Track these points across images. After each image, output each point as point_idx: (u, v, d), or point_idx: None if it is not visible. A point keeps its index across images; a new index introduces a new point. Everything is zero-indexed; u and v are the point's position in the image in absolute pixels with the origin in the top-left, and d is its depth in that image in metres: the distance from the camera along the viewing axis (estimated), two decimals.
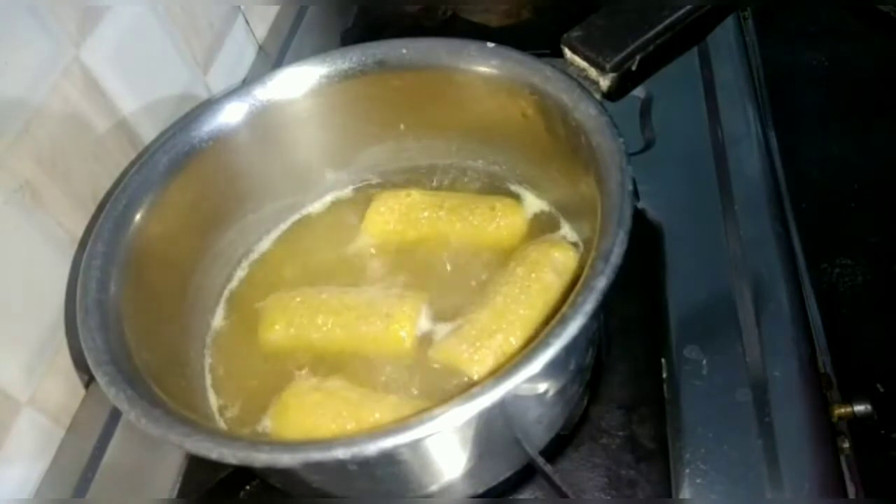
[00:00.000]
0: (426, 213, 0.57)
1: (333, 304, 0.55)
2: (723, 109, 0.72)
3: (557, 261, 0.53)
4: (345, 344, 0.54)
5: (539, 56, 0.54)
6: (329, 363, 0.54)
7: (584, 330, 0.39)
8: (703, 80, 0.75)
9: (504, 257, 0.56)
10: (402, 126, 0.62)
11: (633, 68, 0.50)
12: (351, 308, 0.54)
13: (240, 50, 0.84)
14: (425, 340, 0.53)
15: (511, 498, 0.52)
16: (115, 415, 0.58)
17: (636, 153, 0.69)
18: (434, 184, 0.64)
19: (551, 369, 0.39)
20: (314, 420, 0.48)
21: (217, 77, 0.78)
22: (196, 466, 0.54)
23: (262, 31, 0.89)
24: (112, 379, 0.42)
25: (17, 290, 0.54)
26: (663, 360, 0.55)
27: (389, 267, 0.59)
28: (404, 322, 0.53)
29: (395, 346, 0.53)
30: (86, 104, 0.60)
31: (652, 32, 0.50)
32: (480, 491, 0.50)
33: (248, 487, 0.53)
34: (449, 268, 0.58)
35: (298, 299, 0.55)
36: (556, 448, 0.52)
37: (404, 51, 0.57)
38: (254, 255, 0.62)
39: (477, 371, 0.49)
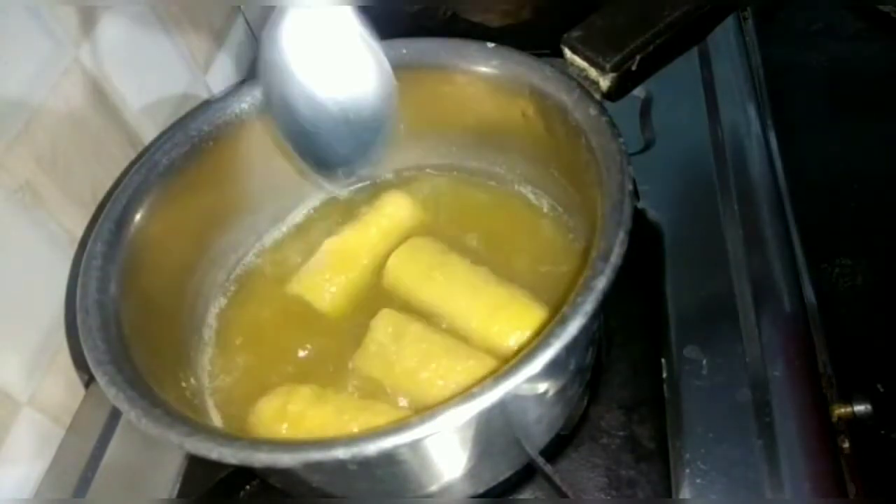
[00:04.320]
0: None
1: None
2: (723, 109, 0.72)
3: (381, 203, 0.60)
4: None
5: (539, 56, 0.54)
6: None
7: (584, 330, 0.39)
8: (703, 80, 0.75)
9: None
10: (401, 126, 0.62)
11: (633, 68, 0.50)
12: None
13: (240, 50, 0.83)
14: None
15: (511, 498, 0.52)
16: (115, 415, 0.58)
17: (636, 153, 0.69)
18: (434, 183, 0.64)
19: (551, 369, 0.39)
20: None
21: (217, 77, 0.78)
22: (196, 466, 0.54)
23: (262, 31, 0.89)
24: (112, 379, 0.42)
25: (17, 289, 0.54)
26: (663, 360, 0.55)
27: None
28: None
29: None
30: (86, 104, 0.60)
31: (652, 32, 0.50)
32: (480, 491, 0.50)
33: (248, 487, 0.53)
34: None
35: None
36: (556, 448, 0.52)
37: (404, 51, 0.57)
38: (253, 256, 0.62)
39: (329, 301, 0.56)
